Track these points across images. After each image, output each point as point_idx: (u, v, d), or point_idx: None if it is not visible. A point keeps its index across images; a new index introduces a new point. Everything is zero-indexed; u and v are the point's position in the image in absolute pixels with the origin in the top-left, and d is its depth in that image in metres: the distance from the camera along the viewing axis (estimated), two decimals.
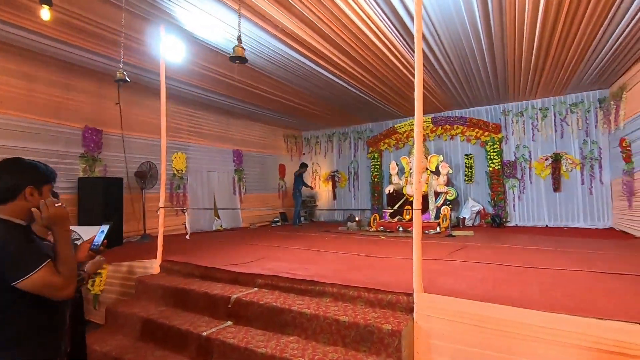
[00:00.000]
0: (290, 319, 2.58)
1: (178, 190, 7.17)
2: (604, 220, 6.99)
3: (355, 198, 10.14)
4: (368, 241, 5.67)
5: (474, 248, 4.67)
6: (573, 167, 7.33)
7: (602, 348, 1.83)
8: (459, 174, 8.49)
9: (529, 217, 7.73)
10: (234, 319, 2.86)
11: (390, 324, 2.24)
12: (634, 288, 2.55)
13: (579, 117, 7.30)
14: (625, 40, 4.59)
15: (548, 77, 6.16)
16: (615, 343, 1.81)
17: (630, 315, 1.93)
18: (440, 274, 3.16)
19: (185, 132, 7.45)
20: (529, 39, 4.52)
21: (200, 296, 3.12)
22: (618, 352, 1.80)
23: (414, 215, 2.42)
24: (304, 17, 3.93)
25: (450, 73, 5.84)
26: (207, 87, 6.38)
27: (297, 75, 5.78)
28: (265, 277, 3.15)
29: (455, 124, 8.47)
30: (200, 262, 3.79)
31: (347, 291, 2.71)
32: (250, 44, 4.63)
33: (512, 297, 2.37)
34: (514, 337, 2.04)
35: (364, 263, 3.80)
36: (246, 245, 5.21)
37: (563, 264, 3.44)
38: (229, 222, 8.24)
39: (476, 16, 3.99)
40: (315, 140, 10.97)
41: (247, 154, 9.01)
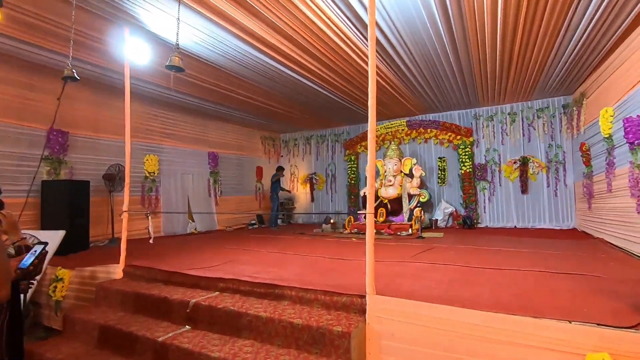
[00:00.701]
0: (246, 322, 2.59)
1: (150, 193, 7.06)
2: (568, 221, 7.28)
3: (333, 200, 10.21)
4: (339, 243, 5.73)
5: (440, 249, 4.79)
6: (539, 170, 7.61)
7: (535, 345, 1.92)
8: (432, 176, 8.68)
9: (498, 218, 7.97)
10: (192, 323, 2.85)
11: (341, 326, 2.28)
12: (575, 287, 2.68)
13: (545, 122, 7.59)
14: (580, 50, 4.82)
15: (514, 83, 6.39)
16: (547, 340, 1.90)
17: (563, 313, 2.03)
18: (400, 276, 3.23)
19: (158, 134, 7.34)
20: (491, 44, 4.68)
21: (160, 301, 3.09)
22: (549, 348, 1.90)
23: (367, 219, 2.48)
24: (270, 21, 3.97)
25: (420, 78, 5.98)
26: (180, 90, 6.32)
27: (269, 78, 5.81)
28: (227, 280, 3.15)
29: (429, 128, 8.66)
30: (165, 266, 3.75)
31: (305, 294, 2.74)
32: (220, 48, 4.64)
33: (463, 298, 2.46)
34: (458, 336, 2.12)
35: (329, 266, 3.85)
36: (216, 249, 5.18)
37: (519, 264, 3.57)
38: (204, 225, 8.16)
39: (440, 28, 4.13)
40: (294, 143, 11.00)
41: (223, 156, 8.95)
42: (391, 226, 7.08)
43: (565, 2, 3.64)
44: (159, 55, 4.69)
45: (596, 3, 3.63)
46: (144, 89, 6.20)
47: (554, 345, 1.88)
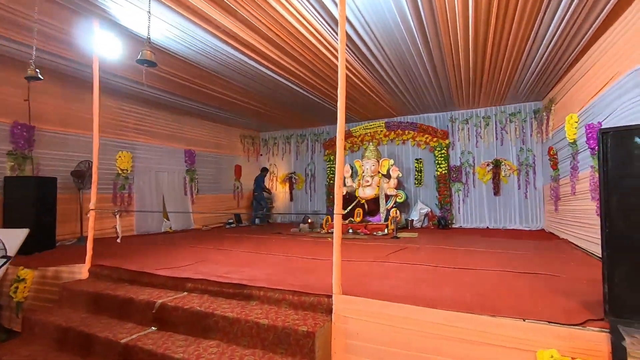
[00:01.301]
0: (212, 323, 2.57)
1: (122, 191, 6.87)
2: (537, 223, 7.55)
3: (312, 200, 10.22)
4: (315, 243, 5.74)
5: (412, 250, 4.87)
6: (511, 173, 7.86)
7: (491, 342, 1.99)
8: (409, 177, 8.82)
9: (472, 219, 8.18)
10: (158, 324, 2.80)
11: (306, 326, 2.30)
12: (534, 286, 2.79)
13: (517, 126, 7.84)
14: (548, 58, 5.01)
15: (487, 88, 6.57)
16: (502, 338, 1.98)
17: (519, 312, 2.11)
18: (369, 275, 3.27)
19: (132, 130, 7.15)
20: (463, 49, 4.79)
21: (125, 302, 3.02)
22: (504, 345, 1.97)
23: (335, 219, 2.50)
24: (245, 19, 3.93)
25: (397, 80, 6.06)
26: (154, 85, 6.18)
27: (246, 76, 5.75)
28: (195, 281, 3.11)
29: (407, 129, 8.79)
30: (133, 266, 3.67)
31: (273, 294, 2.74)
32: (195, 44, 4.56)
33: (427, 297, 2.51)
34: (418, 334, 2.17)
35: (302, 265, 3.85)
36: (190, 248, 5.10)
37: (486, 264, 3.68)
38: (180, 224, 8.01)
39: (413, 30, 4.19)
40: (273, 142, 10.94)
41: (200, 154, 8.80)
42: (368, 226, 7.16)
43: (532, 12, 3.77)
44: (131, 50, 4.56)
45: (560, 15, 3.78)
46: (117, 84, 6.02)
47: (508, 343, 1.95)
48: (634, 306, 1.83)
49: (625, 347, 1.68)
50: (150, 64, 3.86)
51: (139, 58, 3.76)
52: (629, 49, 3.40)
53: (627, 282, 1.87)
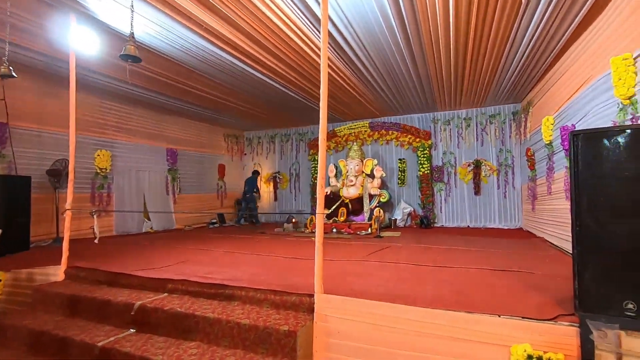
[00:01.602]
0: (193, 324, 2.54)
1: (101, 190, 6.69)
2: (515, 222, 7.77)
3: (296, 199, 10.21)
4: (299, 243, 5.74)
5: (395, 248, 4.94)
6: (491, 173, 8.06)
7: (467, 338, 2.05)
8: (393, 177, 8.92)
9: (453, 218, 8.35)
10: (137, 326, 2.74)
11: (288, 325, 2.30)
12: (510, 283, 2.87)
13: (497, 127, 8.04)
14: (525, 62, 5.17)
15: (468, 90, 6.72)
16: (478, 333, 2.03)
17: (495, 308, 2.17)
18: (352, 274, 3.30)
19: (112, 128, 6.98)
20: (444, 52, 4.89)
21: (102, 304, 2.95)
22: (480, 341, 2.02)
23: (317, 219, 2.51)
24: (229, 18, 3.90)
25: (380, 80, 6.12)
26: (135, 83, 6.04)
27: (230, 75, 5.69)
28: (176, 281, 3.06)
29: (390, 130, 8.89)
30: (112, 267, 3.58)
31: (255, 294, 2.73)
32: (177, 42, 4.48)
33: (407, 295, 2.55)
34: (398, 332, 2.20)
35: (285, 265, 3.85)
36: (171, 249, 5.01)
37: (465, 262, 3.77)
38: (161, 224, 7.87)
39: (396, 33, 4.24)
40: (257, 141, 10.88)
41: (182, 153, 8.66)
42: (351, 225, 7.20)
43: (510, 16, 3.88)
44: (111, 46, 4.46)
45: (537, 20, 3.90)
46: (96, 81, 5.86)
47: (483, 338, 2.01)
48: (601, 301, 1.91)
49: (593, 340, 1.76)
50: (135, 60, 3.76)
51: (123, 53, 3.65)
52: (601, 55, 3.54)
53: (595, 278, 1.95)
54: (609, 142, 1.99)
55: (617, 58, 3.04)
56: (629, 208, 1.91)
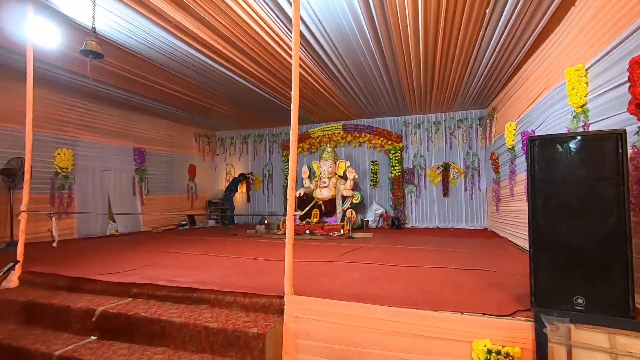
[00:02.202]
0: (159, 329, 2.47)
1: (62, 191, 6.35)
2: (481, 222, 8.09)
3: (269, 201, 10.13)
4: (271, 244, 5.70)
5: (366, 249, 5.01)
6: (459, 176, 8.35)
7: (433, 336, 2.12)
8: (366, 178, 9.05)
9: (423, 219, 8.58)
10: (99, 333, 2.63)
11: (257, 327, 2.28)
12: (474, 281, 3.00)
13: (464, 131, 8.36)
14: (490, 70, 5.42)
15: (437, 95, 6.94)
16: (443, 330, 2.10)
17: (458, 305, 2.26)
18: (323, 275, 3.32)
19: (74, 126, 6.64)
20: (414, 58, 5.03)
21: (61, 311, 2.80)
22: (444, 338, 2.10)
23: (287, 220, 2.51)
24: (199, 15, 3.82)
25: (353, 84, 6.20)
26: (101, 79, 5.78)
27: (200, 74, 5.58)
28: (142, 286, 2.96)
29: (363, 132, 9.03)
30: (72, 272, 3.41)
31: (224, 297, 2.69)
32: (145, 38, 4.34)
33: (376, 295, 2.60)
34: (366, 331, 2.24)
35: (256, 267, 3.82)
36: (137, 252, 4.83)
37: (433, 262, 3.89)
38: (127, 226, 7.56)
39: (368, 37, 4.32)
40: (230, 141, 10.71)
41: (151, 153, 8.38)
42: (324, 227, 7.24)
43: (475, 26, 4.05)
44: (73, 40, 4.25)
45: (500, 29, 4.10)
46: (57, 76, 5.56)
47: (447, 335, 2.08)
48: (554, 296, 2.03)
49: (546, 334, 1.87)
50: (96, 56, 3.64)
51: (83, 48, 3.53)
52: (557, 65, 3.77)
53: (548, 275, 2.08)
54: (561, 147, 2.13)
55: (570, 69, 3.25)
56: (577, 209, 2.05)
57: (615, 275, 1.94)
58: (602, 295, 1.96)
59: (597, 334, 1.80)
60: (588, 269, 2.00)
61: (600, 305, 1.95)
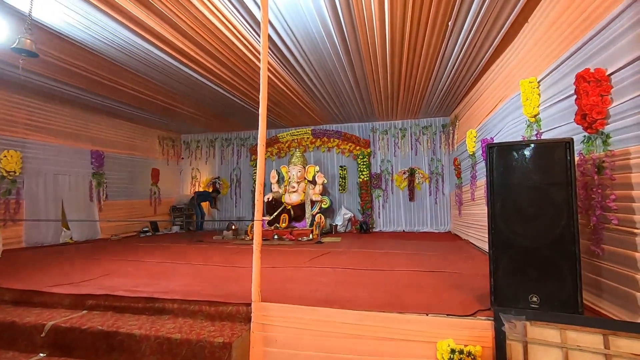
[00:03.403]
0: (117, 342, 2.33)
1: (8, 196, 5.86)
2: (445, 226, 8.39)
3: (237, 206, 9.93)
4: (238, 251, 5.58)
5: (335, 254, 5.03)
6: (424, 181, 8.63)
7: (399, 337, 2.15)
8: (334, 183, 9.12)
9: (390, 223, 8.76)
10: (48, 350, 2.44)
11: (223, 337, 2.22)
12: (438, 283, 3.09)
13: (429, 138, 8.66)
14: (452, 80, 5.67)
15: (403, 102, 7.15)
16: (408, 332, 2.15)
17: (423, 307, 2.32)
18: (291, 281, 3.29)
19: (23, 126, 6.17)
20: (382, 65, 5.16)
21: (5, 327, 2.57)
22: (410, 339, 2.14)
23: (255, 226, 2.47)
24: (161, 13, 3.69)
25: (322, 89, 6.24)
26: (54, 77, 5.41)
27: (163, 73, 5.37)
28: (98, 297, 2.79)
29: (332, 137, 9.10)
30: (18, 284, 3.15)
31: (188, 306, 2.59)
32: (102, 34, 4.12)
33: (344, 299, 2.62)
34: (334, 336, 2.24)
35: (223, 274, 3.71)
36: (94, 260, 4.55)
37: (399, 265, 3.97)
38: (83, 234, 7.11)
39: (336, 43, 4.38)
40: (196, 145, 10.41)
41: (110, 156, 7.95)
42: (293, 232, 7.20)
43: (439, 37, 4.22)
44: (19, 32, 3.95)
45: (461, 42, 4.31)
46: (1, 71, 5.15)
47: (413, 336, 2.13)
48: (511, 295, 2.14)
49: (504, 332, 1.96)
50: (31, 55, 3.41)
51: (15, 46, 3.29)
52: (513, 77, 4.01)
53: (506, 275, 2.18)
54: (517, 154, 2.26)
55: (525, 81, 3.46)
56: (531, 212, 2.17)
57: (565, 274, 2.08)
58: (555, 293, 2.09)
59: (549, 330, 1.91)
60: (541, 268, 2.13)
61: (553, 302, 2.08)
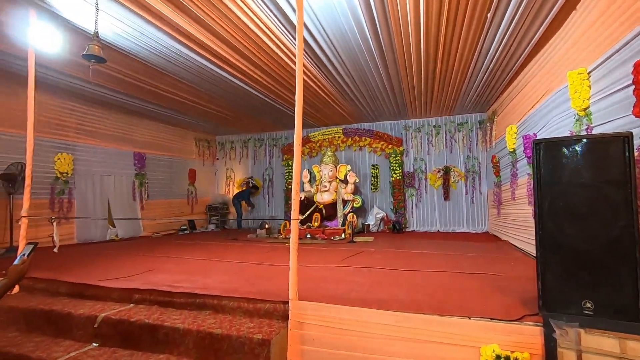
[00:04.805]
0: (162, 335, 2.44)
1: (61, 196, 6.32)
2: (482, 226, 8.08)
3: (270, 205, 10.11)
4: (272, 249, 5.67)
5: (368, 253, 4.98)
6: (459, 179, 8.35)
7: (439, 341, 2.09)
8: (366, 182, 9.05)
9: (424, 223, 8.56)
10: (100, 340, 2.59)
11: (261, 334, 2.25)
12: (479, 285, 2.97)
13: (464, 135, 8.37)
14: (491, 74, 5.44)
15: (437, 99, 6.95)
16: (450, 335, 2.08)
17: (464, 310, 2.24)
18: (326, 280, 3.29)
19: (74, 131, 6.62)
20: (416, 61, 5.04)
21: (62, 317, 2.76)
22: (452, 343, 2.07)
23: (292, 224, 2.49)
24: (201, 19, 3.82)
25: (354, 88, 6.21)
26: (101, 84, 5.77)
27: (201, 77, 5.57)
28: (143, 291, 2.93)
29: (364, 136, 9.03)
30: (73, 278, 3.37)
31: (228, 302, 2.66)
32: (146, 42, 4.34)
33: (381, 299, 2.58)
34: (372, 336, 2.22)
35: (258, 272, 3.78)
36: (137, 257, 4.80)
37: (436, 266, 3.87)
38: (127, 231, 7.52)
39: (370, 42, 4.33)
40: (230, 145, 10.70)
41: (151, 157, 8.36)
42: (325, 231, 7.21)
43: (477, 28, 4.06)
44: (74, 44, 4.25)
45: (502, 32, 4.11)
46: (57, 80, 5.55)
47: (455, 340, 2.06)
48: (562, 301, 2.01)
49: (555, 339, 1.85)
50: (99, 60, 3.64)
51: (86, 53, 3.53)
52: (559, 69, 3.78)
53: (556, 279, 2.06)
54: (567, 150, 2.12)
55: (573, 72, 3.25)
56: (584, 212, 2.03)
57: (623, 279, 1.92)
58: (611, 299, 1.94)
59: (607, 338, 1.78)
60: (596, 272, 1.98)
61: (609, 309, 1.93)
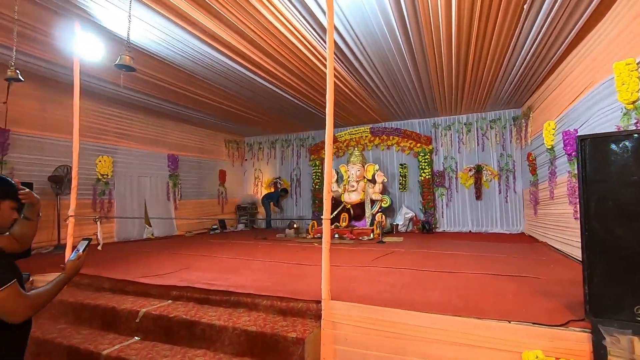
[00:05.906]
0: (199, 331, 2.52)
1: (102, 197, 6.67)
2: (517, 226, 7.75)
3: (297, 205, 10.19)
4: (301, 248, 5.72)
5: (398, 254, 4.92)
6: (492, 178, 8.06)
7: (477, 344, 2.03)
8: (394, 182, 8.92)
9: (455, 223, 8.33)
10: (142, 334, 2.72)
11: (296, 332, 2.28)
12: (517, 288, 2.86)
13: (497, 132, 8.07)
14: (526, 68, 5.20)
15: (468, 95, 6.74)
16: (489, 339, 2.01)
17: (504, 314, 2.16)
18: (357, 280, 3.28)
19: (113, 135, 6.97)
20: (447, 57, 4.91)
21: (107, 312, 2.92)
22: (491, 347, 2.01)
23: (324, 224, 2.50)
24: (231, 23, 3.91)
25: (382, 87, 6.15)
26: (136, 89, 6.05)
27: (230, 80, 5.70)
28: (180, 288, 3.04)
29: (391, 135, 8.91)
30: (115, 274, 3.56)
31: (261, 301, 2.71)
32: (179, 47, 4.50)
33: (413, 301, 2.54)
34: (406, 338, 2.18)
35: (289, 271, 3.83)
36: (173, 255, 4.99)
37: (470, 268, 3.75)
38: (162, 230, 7.83)
39: (399, 41, 4.27)
40: (258, 146, 10.88)
41: (183, 159, 8.66)
42: (353, 231, 7.18)
43: (512, 22, 3.90)
44: (113, 52, 4.45)
45: (539, 25, 3.93)
46: (97, 87, 5.87)
47: (494, 345, 1.99)
48: (612, 306, 1.90)
49: (606, 346, 1.74)
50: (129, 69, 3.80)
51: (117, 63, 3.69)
52: (603, 60, 3.56)
53: (605, 283, 1.94)
54: (616, 146, 1.99)
55: (620, 63, 3.06)
56: (637, 212, 1.90)
57: None
58: None
59: None
60: None
61: None
